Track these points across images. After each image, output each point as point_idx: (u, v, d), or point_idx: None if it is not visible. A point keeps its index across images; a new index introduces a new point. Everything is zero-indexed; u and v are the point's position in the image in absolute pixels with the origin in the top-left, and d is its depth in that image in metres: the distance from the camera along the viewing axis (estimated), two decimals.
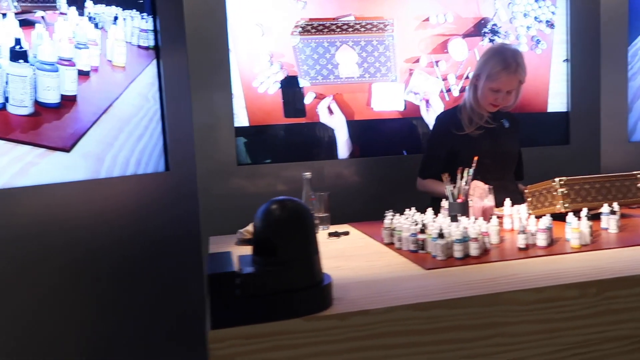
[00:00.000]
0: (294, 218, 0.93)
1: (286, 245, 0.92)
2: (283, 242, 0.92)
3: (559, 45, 2.81)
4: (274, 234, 0.92)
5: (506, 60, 1.95)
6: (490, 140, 2.08)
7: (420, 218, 1.49)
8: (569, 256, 1.26)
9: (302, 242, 0.94)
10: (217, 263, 0.93)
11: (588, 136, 2.85)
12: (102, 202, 2.06)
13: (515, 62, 1.95)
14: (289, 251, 0.92)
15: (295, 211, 0.93)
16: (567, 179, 1.65)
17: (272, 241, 0.91)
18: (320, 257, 0.98)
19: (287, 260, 0.92)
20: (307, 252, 0.94)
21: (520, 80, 2.00)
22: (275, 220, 0.92)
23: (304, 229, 0.94)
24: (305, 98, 2.50)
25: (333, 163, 2.56)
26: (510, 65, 1.95)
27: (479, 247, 1.25)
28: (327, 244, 1.54)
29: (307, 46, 2.49)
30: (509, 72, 1.95)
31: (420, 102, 2.64)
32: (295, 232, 0.92)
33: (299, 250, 0.93)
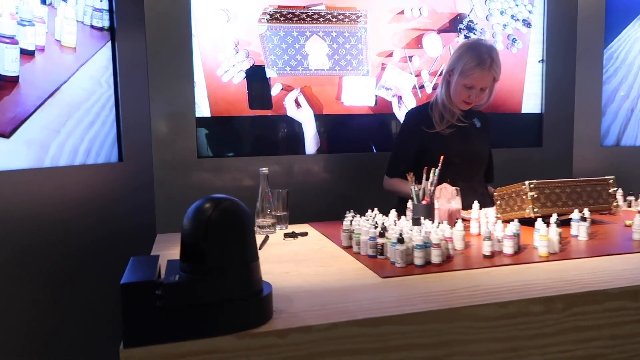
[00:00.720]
0: (227, 219, 0.81)
1: (217, 250, 0.80)
2: (214, 246, 0.80)
3: (535, 45, 2.75)
4: (203, 237, 0.80)
5: (481, 56, 1.87)
6: (461, 140, 2.00)
7: (382, 220, 1.39)
8: (536, 266, 1.17)
9: (236, 247, 0.82)
10: (136, 269, 0.81)
11: (561, 139, 2.81)
12: (45, 193, 1.90)
13: (490, 58, 1.87)
14: (220, 257, 0.80)
15: (229, 211, 0.82)
16: (538, 182, 1.57)
17: (200, 245, 0.79)
18: (259, 264, 0.86)
19: (218, 267, 0.80)
20: (242, 259, 0.82)
21: (495, 77, 1.92)
22: (205, 221, 0.80)
23: (239, 232, 0.82)
24: (271, 89, 2.38)
25: (299, 158, 2.45)
26: (484, 61, 1.86)
27: (440, 254, 1.16)
28: (281, 245, 1.42)
29: (275, 35, 2.36)
30: (483, 68, 1.86)
31: (392, 98, 2.54)
32: (228, 235, 0.81)
33: (233, 256, 0.81)
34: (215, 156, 2.36)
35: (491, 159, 2.15)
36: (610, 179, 1.66)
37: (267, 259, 1.27)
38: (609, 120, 2.81)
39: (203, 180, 2.32)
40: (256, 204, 1.59)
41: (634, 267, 1.14)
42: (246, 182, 2.35)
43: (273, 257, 1.28)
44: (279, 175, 2.41)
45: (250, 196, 1.61)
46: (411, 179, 1.53)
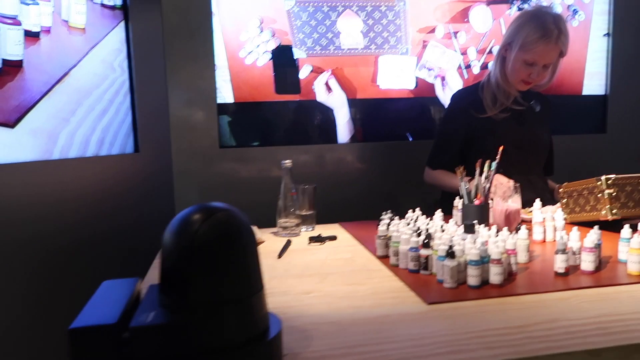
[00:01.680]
0: (220, 237, 0.60)
1: (206, 279, 0.59)
2: (201, 274, 0.59)
3: (600, 16, 2.40)
4: (186, 261, 0.59)
5: (546, 26, 1.58)
6: (517, 126, 1.72)
7: (425, 224, 1.15)
8: (628, 289, 0.91)
9: (232, 275, 0.61)
10: (99, 303, 0.61)
11: (629, 125, 2.46)
12: (54, 187, 1.75)
13: (558, 28, 1.58)
14: (210, 289, 0.59)
15: (223, 226, 0.61)
16: (617, 178, 1.30)
17: (183, 273, 0.59)
18: (264, 295, 0.65)
19: (206, 303, 0.59)
20: (240, 291, 0.61)
21: (562, 51, 1.63)
22: (191, 239, 0.59)
23: (236, 255, 0.61)
24: (300, 72, 2.16)
25: (331, 148, 2.22)
26: (550, 32, 1.58)
27: (502, 272, 0.92)
28: (306, 252, 1.21)
29: (303, 11, 2.13)
30: (548, 41, 1.58)
31: (435, 80, 2.27)
32: (221, 258, 0.60)
33: (227, 288, 0.60)
34: (238, 146, 2.16)
35: (552, 149, 1.86)
36: None
37: (286, 271, 1.06)
38: None
39: (226, 172, 2.14)
40: (278, 201, 1.38)
41: None
42: (273, 173, 2.15)
43: (294, 268, 1.07)
44: (308, 167, 2.19)
45: (277, 189, 1.41)
46: (461, 173, 1.28)
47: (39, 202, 1.69)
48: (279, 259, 1.15)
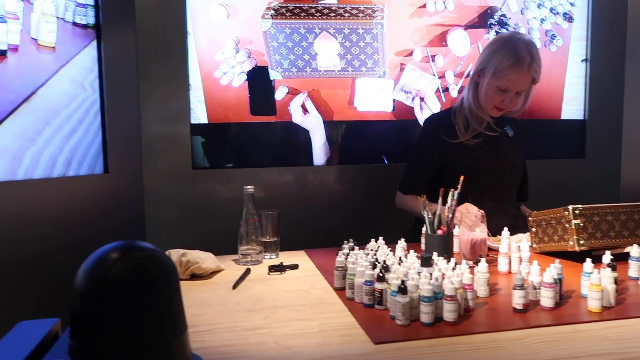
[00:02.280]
0: (133, 279, 0.56)
1: (117, 324, 0.55)
2: (111, 318, 0.55)
3: (578, 42, 2.41)
4: (95, 303, 0.55)
5: (518, 53, 1.57)
6: (490, 152, 1.70)
7: (386, 256, 1.11)
8: (587, 328, 0.88)
9: (148, 320, 0.57)
10: (7, 346, 0.57)
11: (607, 150, 2.45)
12: (18, 208, 1.70)
13: (530, 55, 1.57)
14: (121, 335, 0.55)
15: (139, 267, 0.57)
16: (584, 208, 1.27)
17: (92, 316, 0.55)
18: (187, 338, 0.61)
19: (118, 349, 0.55)
20: (157, 336, 0.57)
21: (534, 78, 1.62)
22: (100, 280, 0.55)
23: (152, 298, 0.57)
24: (276, 93, 2.14)
25: (306, 170, 2.19)
26: (523, 59, 1.56)
27: (455, 310, 0.88)
28: (262, 283, 1.17)
29: (280, 32, 2.12)
30: (521, 68, 1.57)
31: (413, 103, 2.26)
32: (136, 301, 0.56)
33: (142, 334, 0.56)
34: (212, 167, 2.13)
35: (526, 175, 1.84)
36: None
37: (237, 304, 1.01)
38: None
39: (199, 194, 2.10)
40: (240, 228, 1.34)
41: None
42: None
43: (246, 301, 1.03)
44: (283, 189, 2.16)
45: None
46: (423, 202, 1.25)
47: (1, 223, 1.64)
48: (233, 290, 1.11)
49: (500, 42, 1.64)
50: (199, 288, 1.13)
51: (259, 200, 2.10)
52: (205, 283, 1.17)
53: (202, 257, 1.19)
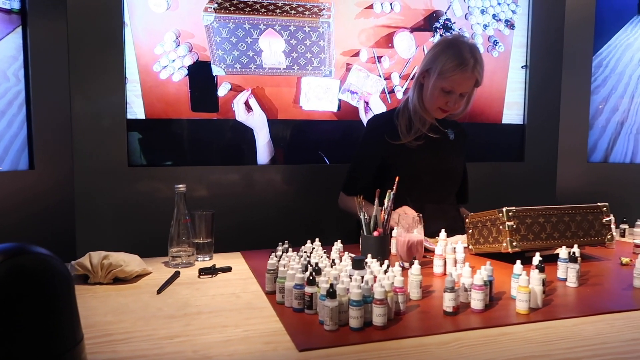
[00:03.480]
0: (17, 285, 0.50)
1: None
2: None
3: (519, 48, 2.48)
4: None
5: (463, 55, 1.58)
6: (431, 154, 1.71)
7: (318, 258, 1.08)
8: (513, 330, 0.88)
9: (35, 331, 0.50)
10: None
11: (544, 153, 2.54)
12: None
13: (474, 57, 1.59)
14: (5, 348, 0.49)
15: (24, 272, 0.50)
16: (517, 210, 1.29)
17: None
18: (82, 351, 0.55)
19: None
20: (42, 350, 0.51)
21: (478, 80, 1.63)
22: None
23: (40, 306, 0.51)
24: (218, 89, 2.07)
25: (249, 169, 2.13)
26: (467, 61, 1.58)
27: (384, 314, 0.86)
28: (190, 287, 1.11)
29: (223, 27, 2.05)
30: (465, 70, 1.58)
31: (359, 103, 2.25)
32: (20, 311, 0.49)
33: (23, 348, 0.50)
34: (149, 165, 2.03)
35: (466, 177, 1.87)
36: (603, 207, 1.38)
37: (159, 310, 0.95)
38: (597, 134, 2.55)
39: (135, 193, 1.99)
40: (170, 229, 1.27)
41: None
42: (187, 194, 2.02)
43: (169, 307, 0.97)
44: (225, 188, 2.09)
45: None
46: (359, 203, 1.23)
47: None
48: (158, 295, 1.04)
49: (445, 44, 1.65)
50: (121, 293, 1.05)
51: (200, 200, 2.04)
52: (128, 287, 1.09)
53: (126, 260, 1.12)
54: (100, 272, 1.09)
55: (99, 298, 1.02)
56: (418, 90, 1.70)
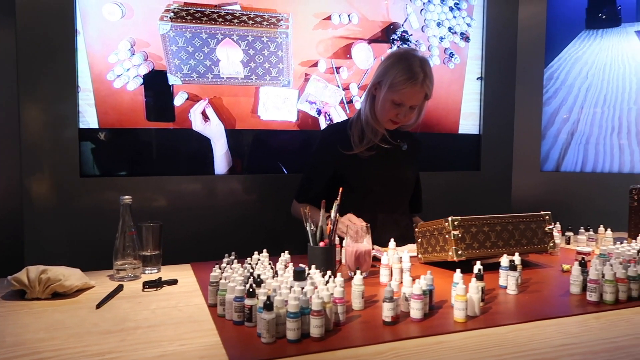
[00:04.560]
0: None
1: None
2: None
3: (474, 61, 2.55)
4: None
5: (413, 69, 1.61)
6: (383, 164, 1.74)
7: (262, 269, 1.08)
8: (449, 339, 0.89)
9: None
10: None
11: (500, 163, 2.61)
12: None
13: (423, 72, 1.62)
14: None
15: None
16: (463, 219, 1.32)
17: None
18: None
19: None
20: None
21: (427, 94, 1.66)
22: None
23: None
24: (175, 99, 2.05)
25: (206, 179, 2.12)
26: (417, 75, 1.61)
27: (321, 325, 0.86)
28: (133, 301, 1.09)
29: (180, 36, 2.04)
30: (415, 83, 1.61)
31: (317, 114, 2.26)
32: None
33: None
34: (103, 175, 2.00)
35: (419, 187, 1.90)
36: (546, 215, 1.43)
37: (95, 326, 0.93)
38: (549, 144, 2.64)
39: (88, 205, 1.95)
40: (115, 241, 1.25)
41: (576, 341, 0.88)
42: (143, 205, 2.00)
43: (107, 322, 0.95)
44: (181, 199, 2.07)
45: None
46: (305, 213, 1.24)
47: None
48: (97, 310, 1.02)
49: (396, 57, 1.68)
50: (58, 308, 1.03)
51: (156, 210, 2.01)
52: (67, 302, 1.07)
53: (65, 274, 1.09)
54: (37, 287, 1.06)
55: (34, 314, 0.99)
56: (370, 102, 1.72)
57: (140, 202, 1.99)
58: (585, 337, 0.90)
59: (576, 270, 1.15)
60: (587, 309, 1.05)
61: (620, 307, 1.07)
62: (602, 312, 1.03)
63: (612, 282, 1.08)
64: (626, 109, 2.53)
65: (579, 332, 0.93)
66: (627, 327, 0.96)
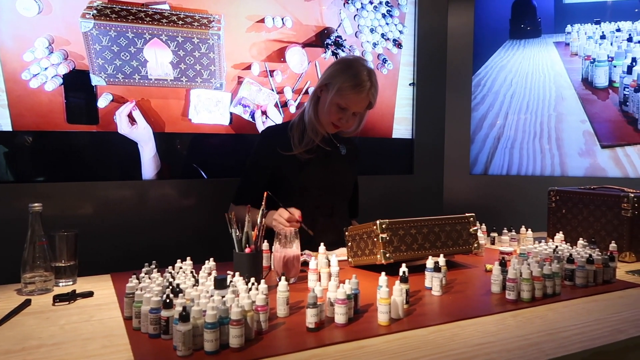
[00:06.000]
0: None
1: None
2: None
3: (406, 67, 2.61)
4: None
5: (360, 77, 1.65)
6: (321, 168, 1.74)
7: (183, 278, 1.03)
8: (372, 343, 0.89)
9: None
10: None
11: (432, 167, 2.68)
12: None
13: (370, 81, 1.66)
14: None
15: None
16: (391, 222, 1.33)
17: None
18: None
19: None
20: None
21: (371, 102, 1.70)
22: None
23: None
24: (98, 101, 1.94)
25: (132, 185, 2.02)
26: (364, 83, 1.64)
27: (241, 334, 0.83)
28: (40, 316, 1.01)
29: (104, 35, 1.94)
30: (361, 91, 1.64)
31: (251, 117, 2.22)
32: None
33: None
34: (18, 181, 1.86)
35: (356, 191, 1.91)
36: (470, 217, 1.47)
37: None
38: (477, 149, 2.74)
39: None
40: (23, 252, 1.16)
41: (493, 340, 0.90)
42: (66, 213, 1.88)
43: (6, 341, 0.87)
44: (106, 206, 1.96)
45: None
46: (229, 220, 1.20)
47: None
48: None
49: (347, 64, 1.71)
50: None
51: (77, 218, 1.89)
52: None
53: None
54: None
55: None
56: (314, 103, 1.74)
57: (62, 209, 1.88)
58: (502, 335, 0.92)
59: (496, 270, 1.19)
60: (506, 307, 1.09)
61: (537, 304, 1.11)
62: (519, 310, 1.07)
63: (529, 280, 1.13)
64: (547, 115, 2.68)
65: (497, 330, 0.95)
66: (541, 323, 0.99)
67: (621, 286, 1.27)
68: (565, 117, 2.66)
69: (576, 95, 2.65)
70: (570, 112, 2.65)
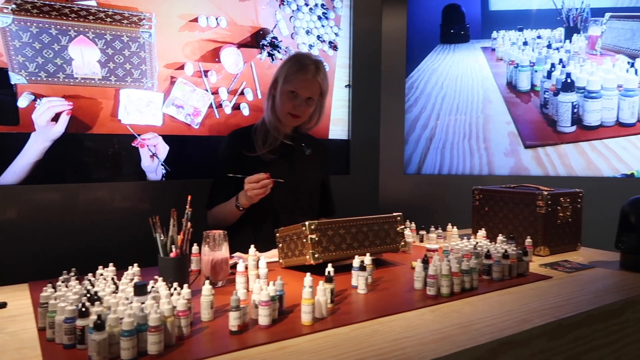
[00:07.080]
0: None
1: None
2: None
3: (342, 69, 2.65)
4: None
5: (304, 62, 1.74)
6: (284, 167, 1.79)
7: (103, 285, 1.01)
8: (294, 343, 0.90)
9: None
10: None
11: (368, 167, 2.74)
12: None
13: (315, 65, 1.75)
14: None
15: None
16: (319, 223, 1.35)
17: None
18: None
19: None
20: None
21: (322, 88, 1.77)
22: None
23: None
24: (19, 100, 1.85)
25: (55, 188, 1.93)
26: (308, 66, 1.73)
27: (159, 341, 0.82)
28: None
29: (24, 31, 1.84)
30: (306, 72, 1.72)
31: (186, 118, 2.18)
32: None
33: None
34: None
35: (327, 190, 1.97)
36: (398, 216, 1.52)
37: None
38: (411, 149, 2.84)
39: None
40: None
41: (411, 334, 0.94)
42: None
43: None
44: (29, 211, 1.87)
45: None
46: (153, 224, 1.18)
47: None
48: None
49: (290, 56, 1.83)
50: None
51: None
52: None
53: None
54: None
55: None
56: (271, 102, 1.80)
57: None
58: (418, 330, 0.97)
59: (419, 267, 1.24)
60: (426, 302, 1.14)
61: (455, 299, 1.17)
62: (438, 305, 1.13)
63: (448, 276, 1.19)
64: (475, 117, 2.81)
65: (415, 325, 1.00)
66: (457, 317, 1.05)
67: (533, 279, 1.36)
68: (492, 118, 2.80)
69: (502, 98, 2.80)
70: (496, 113, 2.80)
